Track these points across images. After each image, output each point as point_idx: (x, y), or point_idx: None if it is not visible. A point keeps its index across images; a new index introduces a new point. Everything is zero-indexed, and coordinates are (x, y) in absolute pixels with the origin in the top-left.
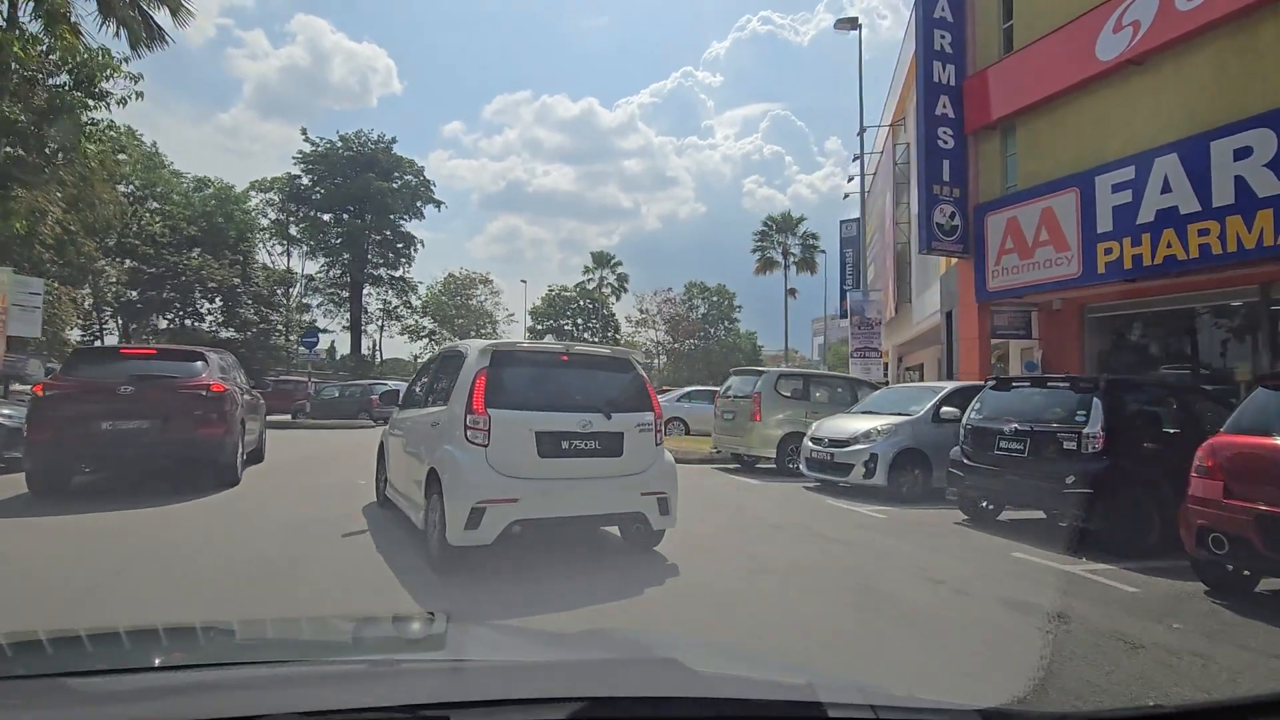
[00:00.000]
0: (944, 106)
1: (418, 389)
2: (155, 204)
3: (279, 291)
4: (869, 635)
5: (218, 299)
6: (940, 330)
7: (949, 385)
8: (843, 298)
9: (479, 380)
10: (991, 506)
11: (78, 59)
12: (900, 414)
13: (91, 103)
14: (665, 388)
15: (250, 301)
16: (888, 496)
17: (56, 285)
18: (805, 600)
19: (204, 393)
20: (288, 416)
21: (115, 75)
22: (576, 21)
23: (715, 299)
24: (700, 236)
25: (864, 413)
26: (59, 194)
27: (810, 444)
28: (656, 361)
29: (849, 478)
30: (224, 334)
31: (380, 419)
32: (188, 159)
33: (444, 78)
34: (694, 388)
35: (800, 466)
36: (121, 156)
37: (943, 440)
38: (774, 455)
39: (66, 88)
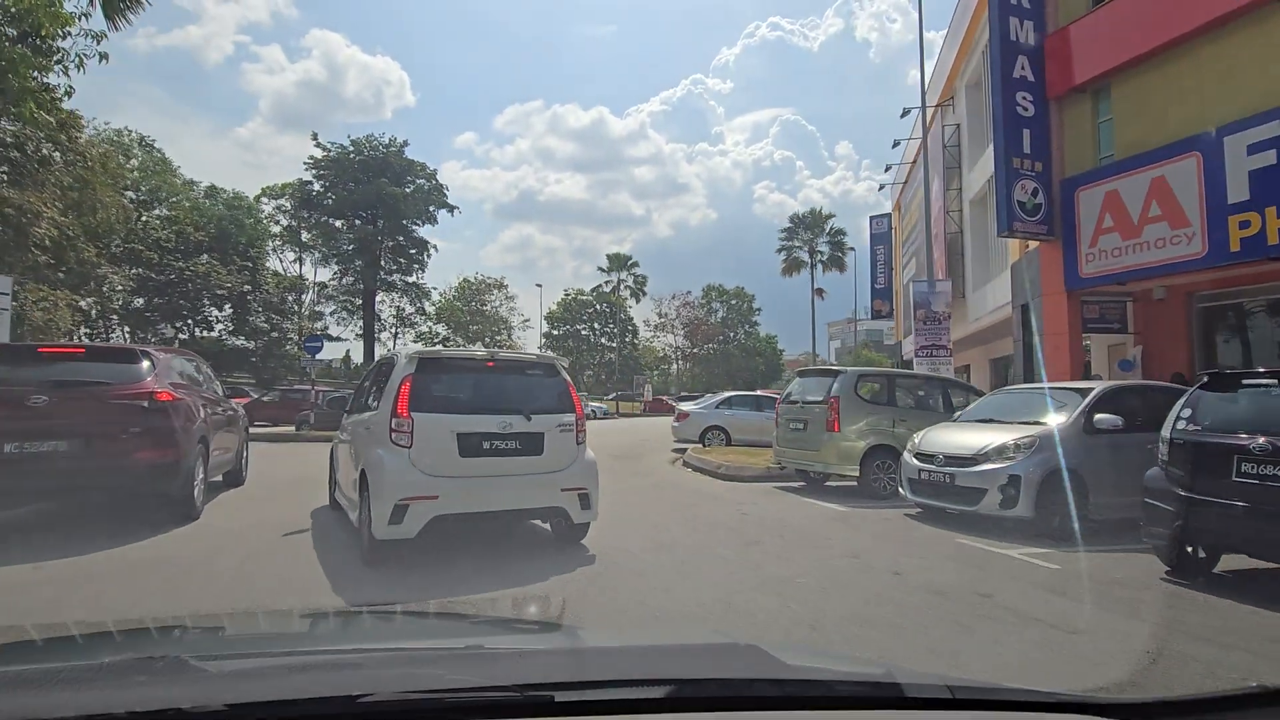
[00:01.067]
0: (1022, 69)
1: (361, 395)
2: (163, 211)
3: (290, 298)
4: None
5: (227, 306)
6: (1012, 326)
7: (1098, 386)
8: (874, 297)
9: (404, 386)
10: (1204, 554)
11: (18, 5)
12: (1033, 423)
13: (42, 61)
14: (683, 395)
15: (261, 309)
16: (1036, 532)
17: (53, 291)
18: None
19: (145, 404)
20: (292, 428)
21: (70, 31)
22: (586, 31)
23: (734, 302)
24: (712, 243)
25: (981, 422)
26: (56, 195)
27: (915, 461)
28: (675, 367)
29: (978, 506)
30: (234, 342)
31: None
32: (206, 172)
33: (457, 89)
34: (733, 393)
35: (903, 490)
36: (132, 163)
37: (1100, 458)
38: (856, 473)
39: (7, 39)
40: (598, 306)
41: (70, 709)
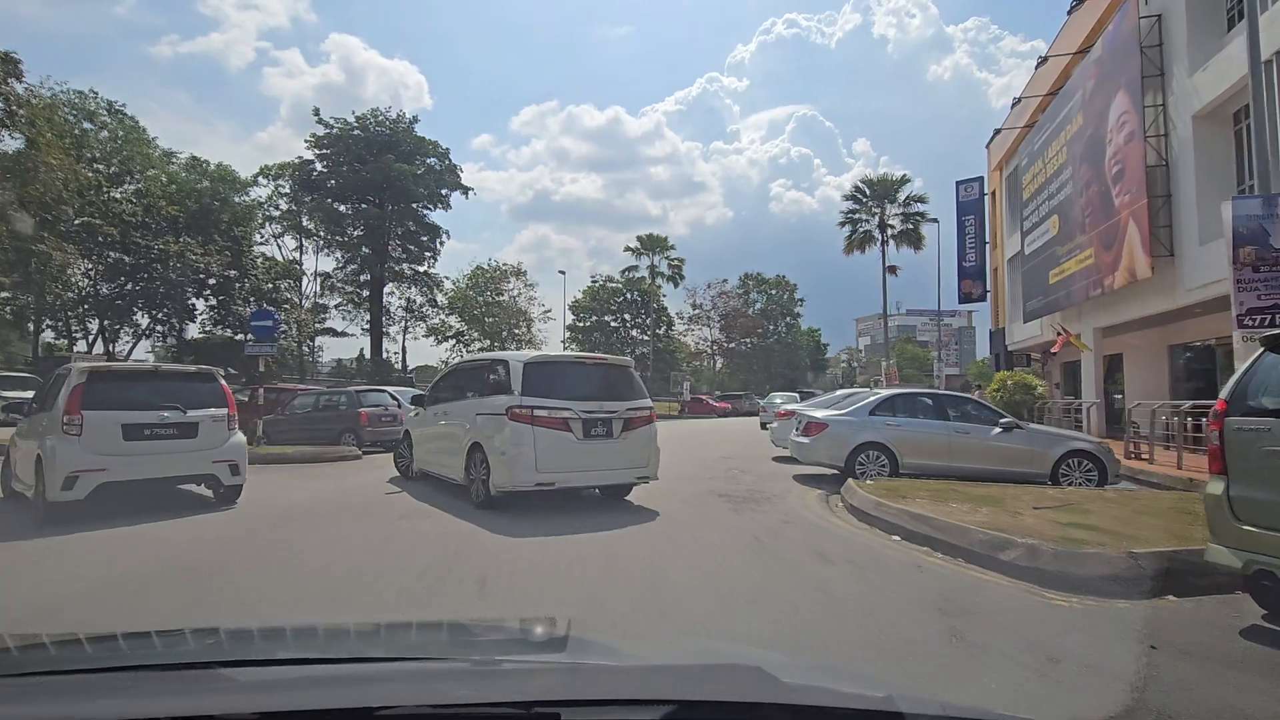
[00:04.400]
0: None
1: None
2: (134, 184)
3: (285, 286)
4: None
5: (207, 293)
6: None
7: None
8: (962, 277)
9: (75, 391)
10: None
11: None
12: None
13: None
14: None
15: (252, 297)
16: None
17: None
18: None
19: None
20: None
21: None
22: (601, 31)
23: (774, 291)
24: (729, 241)
25: None
26: None
27: None
28: (712, 362)
29: None
30: (220, 334)
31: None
32: None
33: (473, 91)
34: (896, 390)
35: None
36: (103, 134)
37: None
38: None
39: None
40: (628, 294)
41: (108, 714)
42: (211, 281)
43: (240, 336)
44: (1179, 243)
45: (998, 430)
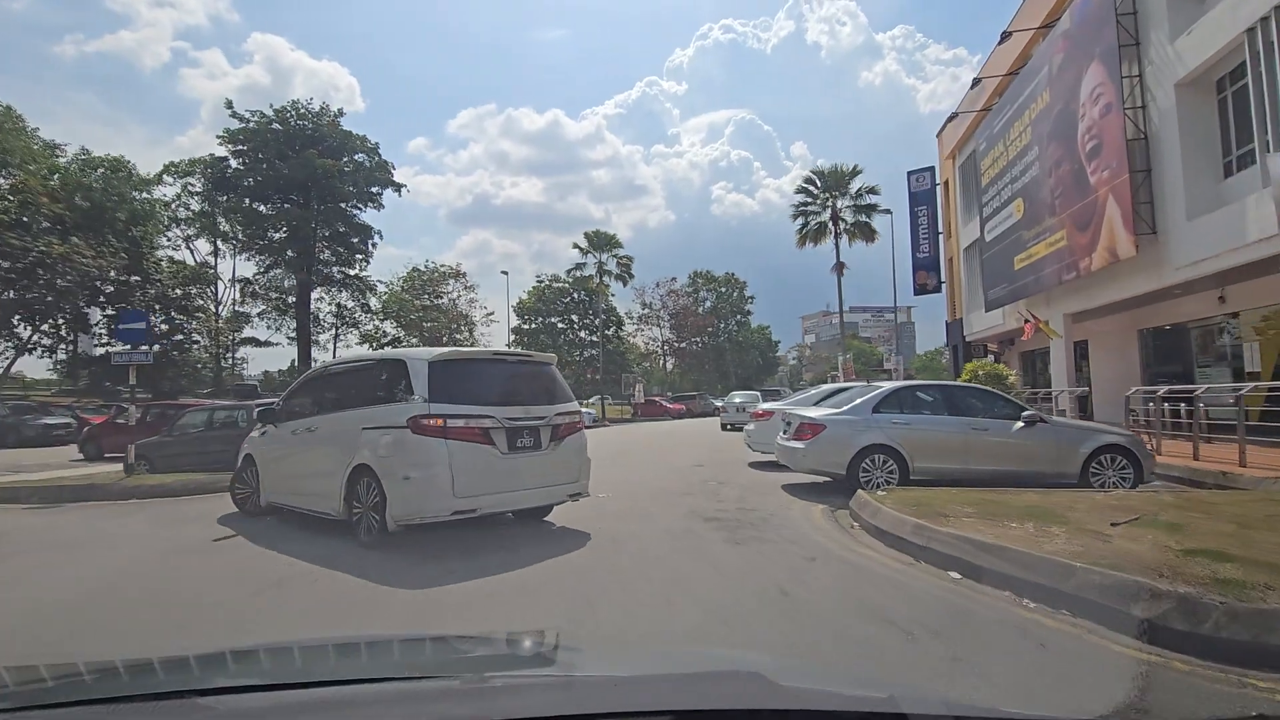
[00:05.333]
0: None
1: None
2: (7, 179)
3: (194, 292)
4: None
5: (103, 301)
6: None
7: None
8: (916, 269)
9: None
10: None
11: None
12: None
13: None
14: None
15: (156, 305)
16: None
17: None
18: None
19: None
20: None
21: None
22: (538, 34)
23: (724, 290)
24: (672, 244)
25: None
26: None
27: None
28: (661, 363)
29: None
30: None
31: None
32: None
33: (407, 94)
34: (902, 383)
35: None
36: None
37: None
38: None
39: None
40: (575, 295)
41: None
42: (108, 289)
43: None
44: (1163, 219)
45: (1019, 425)
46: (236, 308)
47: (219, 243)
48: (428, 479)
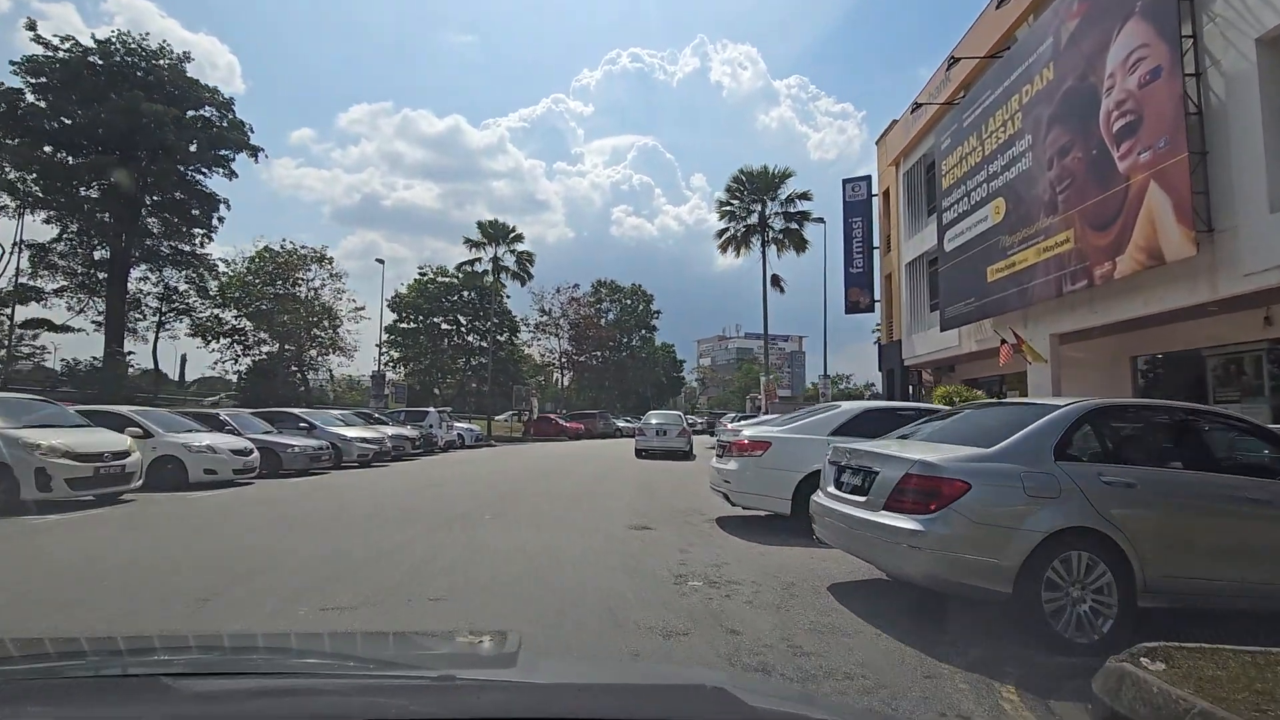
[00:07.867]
0: None
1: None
2: None
3: None
4: None
5: None
6: None
7: None
8: (849, 285)
9: None
10: None
11: None
12: None
13: None
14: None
15: None
16: None
17: None
18: None
19: None
20: None
21: None
22: (444, 36)
23: (628, 301)
24: (572, 261)
25: None
26: None
27: None
28: (558, 377)
29: None
30: None
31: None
32: None
33: (295, 81)
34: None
35: None
36: None
37: None
38: None
39: None
40: (465, 293)
41: None
42: None
43: None
44: (1230, 213)
45: None
46: (20, 281)
47: (5, 196)
48: None
